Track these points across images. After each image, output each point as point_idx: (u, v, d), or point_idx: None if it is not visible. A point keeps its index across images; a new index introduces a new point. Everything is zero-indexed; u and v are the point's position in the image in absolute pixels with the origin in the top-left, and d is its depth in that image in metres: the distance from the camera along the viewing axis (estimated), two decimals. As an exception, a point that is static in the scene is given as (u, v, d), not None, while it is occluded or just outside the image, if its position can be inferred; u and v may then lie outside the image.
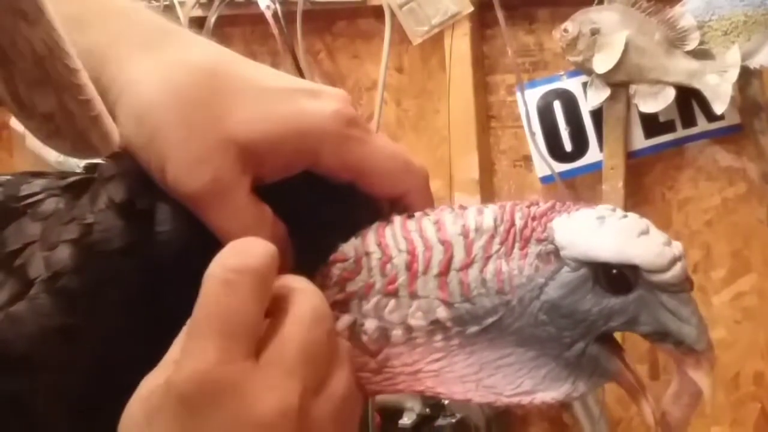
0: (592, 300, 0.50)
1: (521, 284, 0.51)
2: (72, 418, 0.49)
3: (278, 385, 0.45)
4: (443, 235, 0.52)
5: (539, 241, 0.51)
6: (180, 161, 0.51)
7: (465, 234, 0.51)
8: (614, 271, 0.50)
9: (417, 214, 0.53)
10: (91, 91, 0.45)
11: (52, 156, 1.69)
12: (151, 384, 0.46)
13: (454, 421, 1.58)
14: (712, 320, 1.60)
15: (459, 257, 0.51)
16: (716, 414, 1.64)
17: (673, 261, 0.50)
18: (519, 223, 0.51)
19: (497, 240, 0.51)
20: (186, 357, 0.45)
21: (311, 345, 0.47)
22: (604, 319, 0.51)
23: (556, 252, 0.50)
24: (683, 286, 0.50)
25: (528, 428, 1.73)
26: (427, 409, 1.58)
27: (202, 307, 0.46)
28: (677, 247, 0.51)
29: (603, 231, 0.50)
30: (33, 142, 1.74)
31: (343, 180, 0.54)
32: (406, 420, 1.56)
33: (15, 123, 1.75)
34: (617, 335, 0.53)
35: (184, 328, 0.48)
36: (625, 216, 0.51)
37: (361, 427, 1.52)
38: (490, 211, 0.52)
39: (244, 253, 0.47)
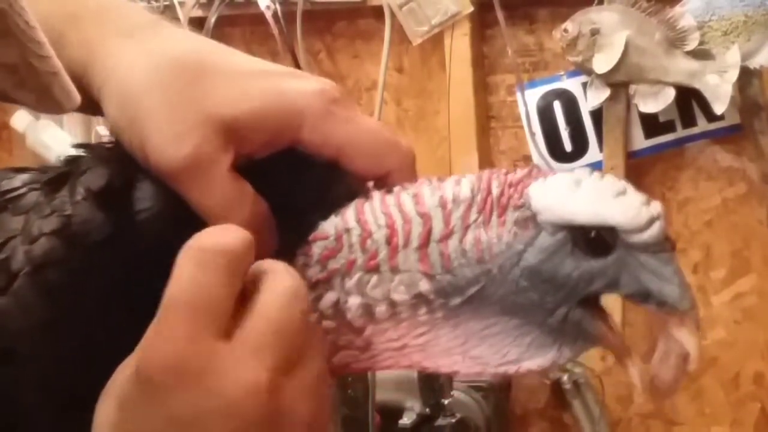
0: (572, 264, 0.50)
1: (500, 252, 0.50)
2: (57, 409, 0.50)
3: (247, 364, 0.45)
4: (421, 208, 0.51)
5: (516, 207, 0.51)
6: (160, 138, 0.51)
7: (443, 205, 0.51)
8: (592, 233, 0.50)
9: (396, 188, 0.53)
10: (50, 49, 0.45)
11: (53, 156, 1.69)
12: (123, 370, 0.46)
13: (454, 421, 1.57)
14: (712, 320, 1.60)
15: (438, 228, 0.51)
16: (716, 414, 1.64)
17: (651, 221, 0.49)
18: (496, 191, 0.51)
19: (475, 209, 0.51)
20: (155, 339, 0.45)
21: (282, 324, 0.47)
22: (585, 283, 0.50)
23: (533, 218, 0.50)
24: (663, 245, 0.50)
25: (528, 428, 1.73)
26: (427, 409, 1.58)
27: (172, 288, 0.46)
28: (655, 207, 0.50)
29: (579, 194, 0.50)
30: (33, 142, 1.74)
31: (326, 157, 0.54)
32: (406, 420, 1.56)
33: (15, 123, 1.75)
34: (617, 315, 0.53)
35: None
36: (602, 178, 0.51)
37: (361, 427, 1.52)
38: (468, 181, 0.52)
39: (218, 235, 0.47)
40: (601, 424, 1.62)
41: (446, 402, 1.58)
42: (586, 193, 0.50)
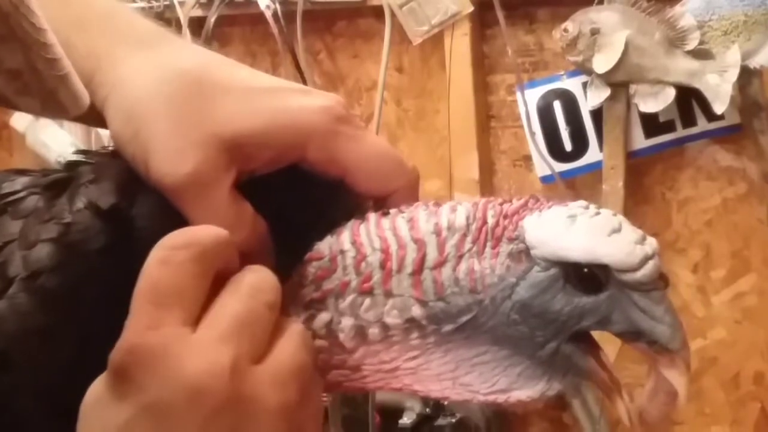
0: (563, 300, 0.50)
1: (493, 283, 0.51)
2: (51, 417, 0.49)
3: (210, 349, 0.45)
4: (416, 234, 0.52)
5: (510, 239, 0.51)
6: (163, 153, 0.51)
7: (438, 232, 0.51)
8: (585, 270, 0.50)
9: (392, 211, 0.53)
10: (59, 51, 0.45)
11: (53, 156, 1.69)
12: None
13: (454, 421, 1.58)
14: (712, 320, 1.60)
15: (432, 256, 0.51)
16: (716, 414, 1.64)
17: (645, 260, 0.49)
18: (491, 221, 0.51)
19: (469, 238, 0.51)
20: (123, 333, 0.46)
21: (247, 314, 0.47)
22: (576, 319, 0.50)
23: (526, 251, 0.50)
24: (655, 284, 0.50)
25: (528, 428, 1.73)
26: (427, 409, 1.58)
27: (139, 282, 0.47)
28: (651, 244, 0.50)
29: (573, 230, 0.50)
30: (33, 142, 1.74)
31: (330, 176, 0.54)
32: (406, 420, 1.57)
33: (15, 123, 1.75)
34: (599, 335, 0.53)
35: None
36: (597, 213, 0.51)
37: (361, 427, 1.52)
38: (463, 209, 0.52)
39: (185, 232, 0.48)
40: (601, 424, 1.62)
41: (446, 402, 1.58)
42: (581, 230, 0.50)
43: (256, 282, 0.48)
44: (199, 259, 0.47)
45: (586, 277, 0.50)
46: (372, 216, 0.53)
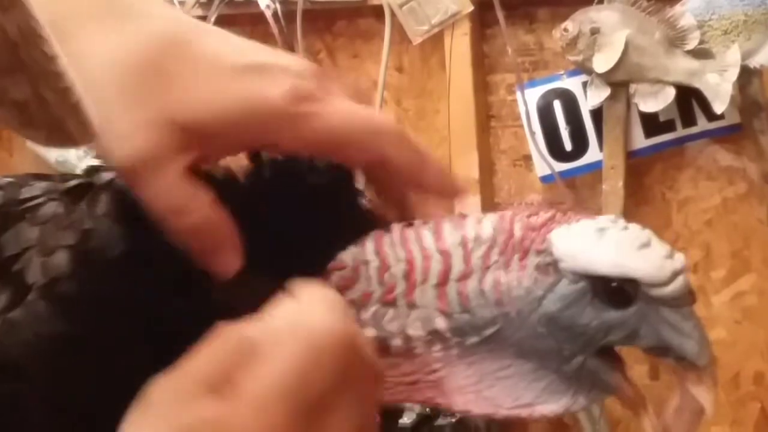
0: (591, 313, 0.50)
1: (520, 296, 0.50)
2: (68, 426, 0.49)
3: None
4: (442, 245, 0.51)
5: (538, 252, 0.50)
6: (113, 133, 0.49)
7: (463, 244, 0.51)
8: (614, 284, 0.49)
9: (416, 222, 0.52)
10: (70, 78, 0.43)
11: (52, 156, 1.69)
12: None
13: (454, 421, 1.57)
14: (712, 320, 1.60)
15: (457, 268, 0.51)
16: (716, 414, 1.63)
17: (674, 275, 0.49)
18: (518, 233, 0.51)
19: (496, 251, 0.51)
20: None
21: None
22: (603, 333, 0.50)
23: (554, 264, 0.50)
24: (684, 300, 0.50)
25: (528, 428, 1.72)
26: (427, 409, 1.58)
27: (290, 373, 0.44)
28: (679, 259, 0.50)
29: (602, 243, 0.49)
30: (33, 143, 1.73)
31: (311, 155, 0.53)
32: (406, 420, 1.56)
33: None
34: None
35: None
36: (626, 228, 0.50)
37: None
38: (489, 221, 0.51)
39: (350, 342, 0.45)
40: (601, 424, 1.62)
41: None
42: (610, 243, 0.49)
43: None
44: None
45: (615, 291, 0.49)
46: (396, 227, 0.52)
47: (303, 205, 0.53)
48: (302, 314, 0.45)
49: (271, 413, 0.43)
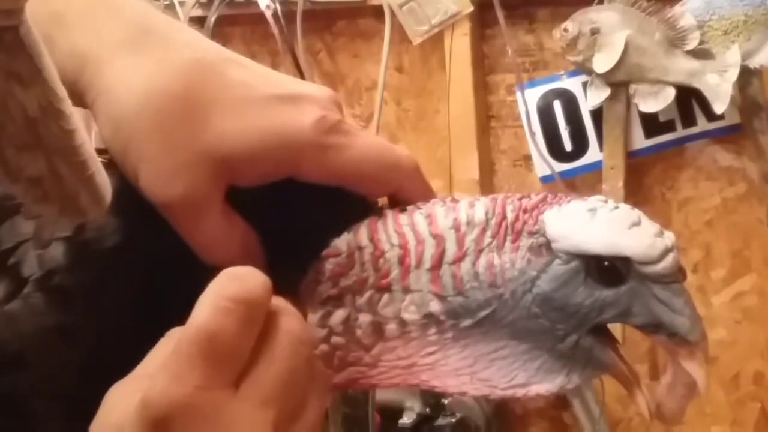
0: (584, 292, 0.50)
1: (513, 277, 0.51)
2: (66, 417, 0.49)
3: (255, 416, 0.45)
4: (435, 229, 0.51)
5: (531, 233, 0.51)
6: (152, 173, 0.50)
7: (457, 227, 0.51)
8: (606, 263, 0.50)
9: (409, 207, 0.53)
10: (87, 150, 0.42)
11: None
12: (123, 398, 0.45)
13: (454, 420, 1.58)
14: (712, 320, 1.60)
15: (451, 251, 0.51)
16: (716, 414, 1.64)
17: (665, 252, 0.50)
18: (510, 215, 0.51)
19: (489, 233, 0.51)
20: (165, 375, 0.45)
21: (289, 374, 0.46)
22: (597, 312, 0.50)
23: (547, 245, 0.50)
24: (675, 276, 0.50)
25: (528, 428, 1.73)
26: (427, 409, 1.58)
27: (193, 329, 0.45)
28: (669, 237, 0.51)
29: (594, 223, 0.50)
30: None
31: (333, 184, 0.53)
32: (406, 420, 1.56)
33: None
34: (617, 333, 0.53)
35: (165, 341, 0.47)
36: (617, 207, 0.51)
37: (361, 426, 1.52)
38: (482, 204, 0.52)
39: (242, 282, 0.46)
40: (601, 424, 1.62)
41: (446, 402, 1.58)
42: (601, 223, 0.50)
43: (297, 334, 0.47)
44: (252, 317, 0.46)
45: (607, 269, 0.50)
46: (389, 212, 0.53)
47: (296, 193, 0.53)
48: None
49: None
